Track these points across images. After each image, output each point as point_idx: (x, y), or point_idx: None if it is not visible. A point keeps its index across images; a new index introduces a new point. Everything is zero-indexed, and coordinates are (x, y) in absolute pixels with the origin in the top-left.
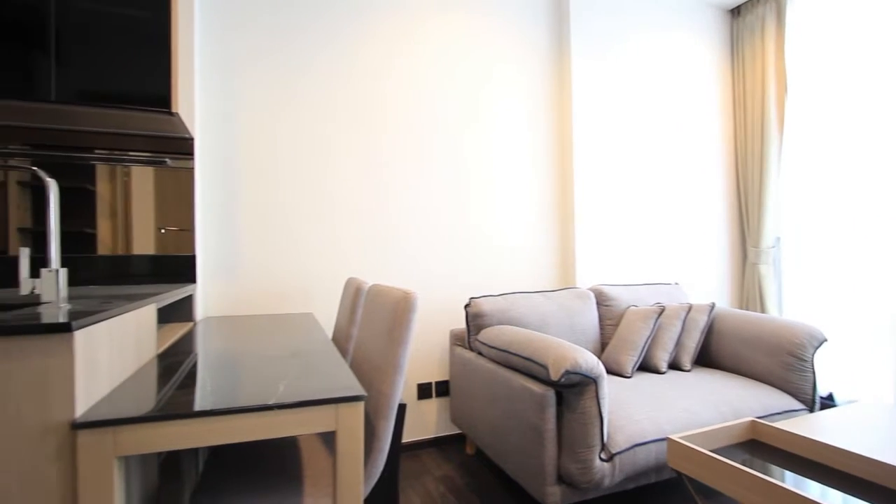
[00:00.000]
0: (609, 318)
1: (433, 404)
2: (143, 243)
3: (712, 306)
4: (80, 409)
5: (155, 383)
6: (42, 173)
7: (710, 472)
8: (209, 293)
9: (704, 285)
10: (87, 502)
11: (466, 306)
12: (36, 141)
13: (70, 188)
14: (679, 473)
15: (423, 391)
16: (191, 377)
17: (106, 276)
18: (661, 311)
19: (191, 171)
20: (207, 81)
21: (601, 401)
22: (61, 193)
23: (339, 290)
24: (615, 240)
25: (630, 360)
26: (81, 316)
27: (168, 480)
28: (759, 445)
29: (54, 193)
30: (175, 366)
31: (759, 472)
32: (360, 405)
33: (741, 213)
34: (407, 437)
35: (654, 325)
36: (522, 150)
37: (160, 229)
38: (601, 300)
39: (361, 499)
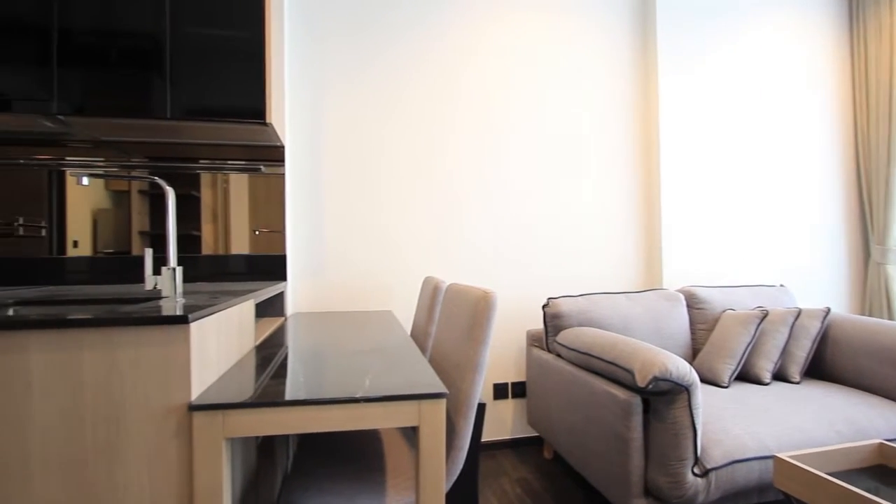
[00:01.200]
0: (701, 323)
1: (509, 405)
2: (240, 244)
3: (827, 311)
4: (195, 393)
5: (255, 373)
6: (162, 183)
7: (829, 499)
8: (298, 290)
9: (816, 288)
10: (201, 476)
11: (544, 307)
12: (153, 154)
13: (179, 195)
14: (788, 497)
15: (500, 391)
16: (285, 368)
17: (208, 273)
18: (764, 315)
19: (282, 176)
20: (296, 92)
21: (694, 411)
22: (176, 199)
23: (416, 289)
24: (708, 238)
25: (727, 369)
26: (195, 309)
27: (264, 462)
28: (890, 472)
29: (172, 200)
30: (271, 357)
31: (891, 503)
32: (443, 402)
33: (862, 207)
34: (483, 437)
35: (756, 330)
36: (603, 144)
37: (254, 231)
38: (692, 303)
39: (443, 494)
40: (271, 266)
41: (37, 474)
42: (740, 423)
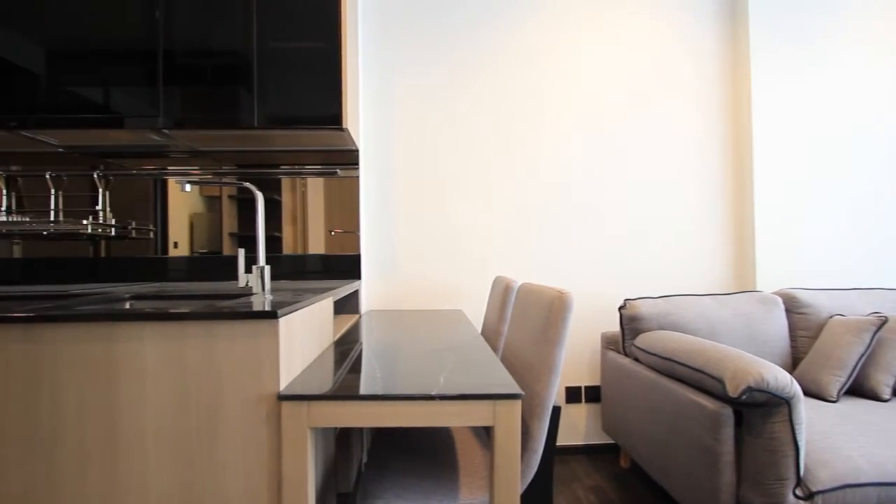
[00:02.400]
0: (803, 329)
1: (582, 409)
2: (316, 244)
3: None
4: (283, 384)
5: (335, 367)
6: (253, 188)
7: None
8: (371, 289)
9: None
10: (289, 462)
11: (621, 308)
12: (241, 161)
13: (266, 199)
14: None
15: (572, 395)
16: (363, 364)
17: (289, 272)
18: (882, 323)
19: (356, 179)
20: (369, 96)
21: (796, 426)
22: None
23: (486, 288)
24: (809, 235)
25: (835, 381)
26: (282, 305)
27: (341, 452)
28: None
29: (261, 204)
30: (348, 353)
31: None
32: (518, 404)
33: None
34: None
35: (871, 340)
36: (685, 130)
37: (330, 232)
38: (792, 307)
39: (518, 496)
40: (346, 265)
41: (151, 450)
42: (853, 443)
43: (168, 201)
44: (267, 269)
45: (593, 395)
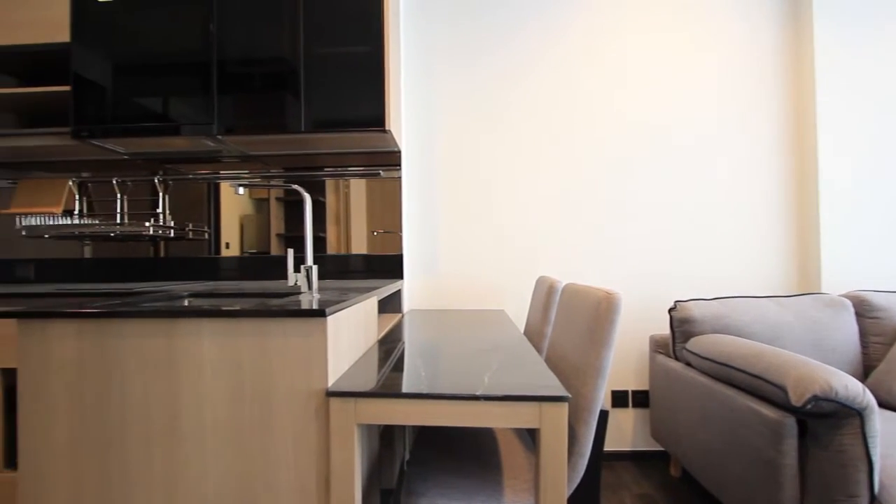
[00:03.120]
0: (876, 335)
1: (629, 414)
2: (358, 244)
3: None
4: (331, 380)
5: (380, 365)
6: (301, 190)
7: None
8: (413, 288)
9: None
10: (336, 456)
11: (671, 310)
12: (287, 165)
13: (311, 200)
14: None
15: (619, 399)
16: (407, 362)
17: (333, 271)
18: None
19: (399, 179)
20: (410, 97)
21: (869, 440)
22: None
23: (528, 289)
24: (881, 234)
25: None
26: (330, 304)
27: (384, 449)
28: None
29: (308, 206)
30: (392, 351)
31: None
32: (565, 406)
33: None
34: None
35: None
36: (743, 127)
37: (372, 232)
38: (863, 311)
39: (565, 500)
40: (388, 265)
41: (209, 438)
42: None
43: (220, 204)
44: (314, 268)
45: (641, 399)
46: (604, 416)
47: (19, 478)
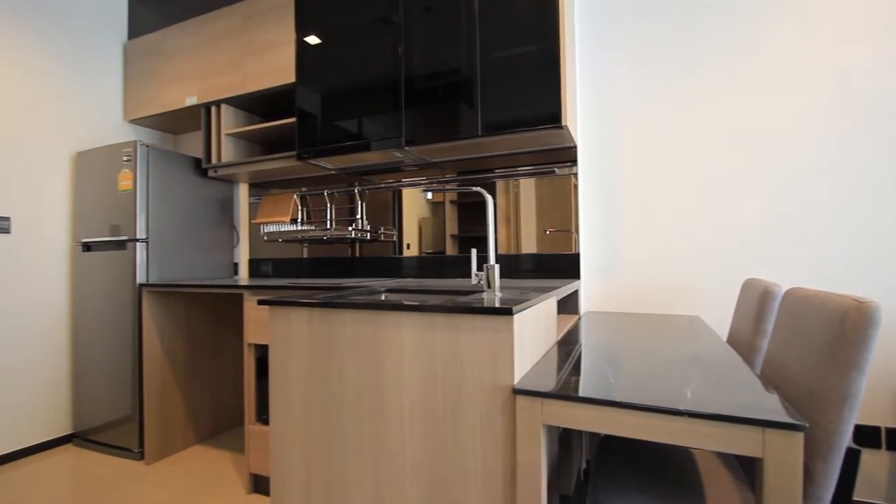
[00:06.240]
0: None
1: (882, 458)
2: (528, 243)
3: None
4: (517, 378)
5: (563, 366)
6: (484, 192)
7: None
8: (590, 288)
9: None
10: (523, 453)
11: None
12: (461, 169)
13: (482, 202)
14: None
15: (867, 437)
16: (591, 367)
17: (503, 270)
18: None
19: (572, 176)
20: (586, 89)
21: None
22: (476, 206)
23: (728, 292)
24: None
25: None
26: (515, 303)
27: (562, 453)
28: None
29: (491, 207)
30: (574, 353)
31: None
32: (799, 437)
33: None
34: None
35: None
36: None
37: (544, 231)
38: None
39: None
40: (561, 264)
41: (407, 422)
42: None
43: (402, 208)
44: (497, 267)
45: None
46: (854, 455)
47: (270, 431)
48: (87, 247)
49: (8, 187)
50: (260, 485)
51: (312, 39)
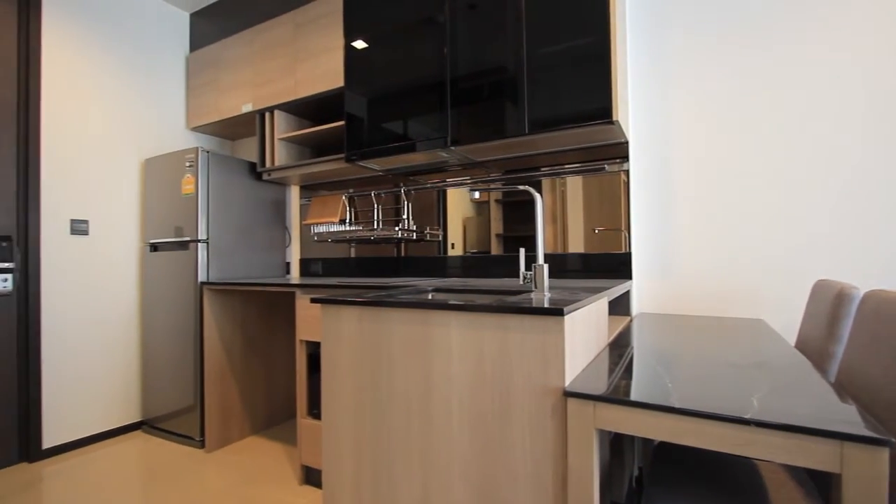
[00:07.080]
0: None
1: None
2: (575, 243)
3: None
4: (568, 380)
5: (615, 369)
6: (532, 190)
7: None
8: (643, 289)
9: None
10: (574, 458)
11: None
12: (507, 167)
13: (527, 201)
14: None
15: None
16: (646, 370)
17: (550, 270)
18: None
19: (622, 173)
20: (638, 83)
21: None
22: (520, 206)
23: (797, 295)
24: None
25: None
26: (565, 303)
27: (613, 459)
28: None
29: (539, 205)
30: (627, 356)
31: None
32: (884, 452)
33: None
34: None
35: None
36: None
37: (593, 230)
38: None
39: None
40: (610, 264)
41: (455, 418)
42: None
43: (447, 208)
44: (545, 267)
45: None
46: None
47: (323, 427)
48: (154, 247)
49: (86, 193)
50: (311, 477)
51: (359, 44)
